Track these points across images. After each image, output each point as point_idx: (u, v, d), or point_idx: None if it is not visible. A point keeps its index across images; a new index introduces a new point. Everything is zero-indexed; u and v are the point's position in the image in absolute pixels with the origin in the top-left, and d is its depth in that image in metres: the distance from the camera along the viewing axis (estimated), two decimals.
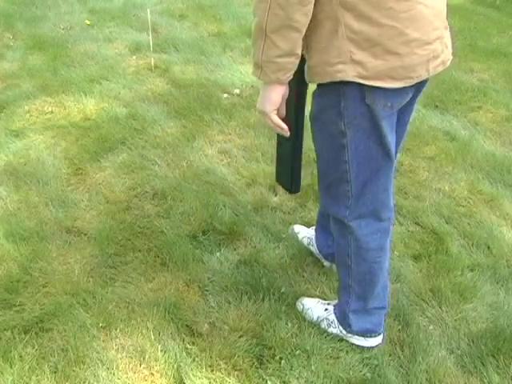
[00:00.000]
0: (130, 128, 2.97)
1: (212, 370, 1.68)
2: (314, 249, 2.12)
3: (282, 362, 1.71)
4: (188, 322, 1.84)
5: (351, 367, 1.72)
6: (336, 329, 1.79)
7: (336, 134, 1.42)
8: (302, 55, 1.35)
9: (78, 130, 2.95)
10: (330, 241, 1.99)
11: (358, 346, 1.77)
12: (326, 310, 1.83)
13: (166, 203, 2.41)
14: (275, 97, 1.40)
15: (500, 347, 1.80)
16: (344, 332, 1.78)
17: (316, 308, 1.85)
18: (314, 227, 2.14)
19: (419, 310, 1.95)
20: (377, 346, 1.78)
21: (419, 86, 1.42)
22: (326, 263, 2.09)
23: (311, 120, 1.50)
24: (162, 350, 1.73)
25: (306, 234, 2.18)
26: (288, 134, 1.49)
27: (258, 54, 1.31)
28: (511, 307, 1.98)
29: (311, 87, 1.48)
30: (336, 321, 1.79)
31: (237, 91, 3.44)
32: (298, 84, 1.49)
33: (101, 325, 1.81)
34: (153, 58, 3.76)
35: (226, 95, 3.40)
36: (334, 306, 1.82)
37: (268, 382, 1.66)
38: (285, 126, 1.46)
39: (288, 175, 2.37)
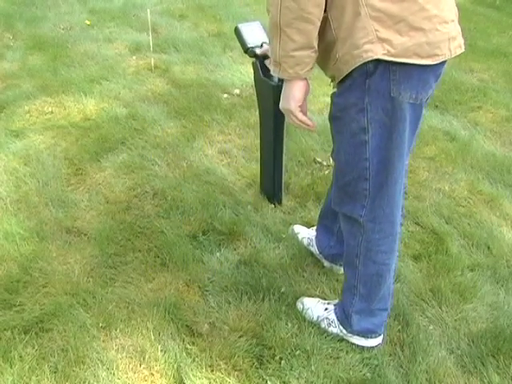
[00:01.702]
0: (130, 128, 2.97)
1: (212, 370, 1.68)
2: (314, 249, 2.12)
3: (282, 362, 1.71)
4: (188, 322, 1.84)
5: (351, 367, 1.72)
6: (336, 328, 1.79)
7: (357, 131, 1.42)
8: None
9: (77, 129, 2.95)
10: (332, 242, 1.99)
11: (357, 345, 1.77)
12: (326, 309, 1.83)
13: (166, 203, 2.41)
14: (298, 93, 1.42)
15: (500, 347, 1.80)
16: (344, 331, 1.77)
17: (316, 308, 1.85)
18: (314, 228, 2.14)
19: (419, 310, 1.95)
20: (377, 346, 1.78)
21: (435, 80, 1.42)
22: (327, 263, 2.08)
23: (330, 121, 1.51)
24: (162, 350, 1.73)
25: (306, 234, 2.18)
26: (314, 129, 1.52)
27: (276, 50, 1.34)
28: (511, 307, 1.98)
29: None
30: (336, 320, 1.79)
31: (237, 91, 3.44)
32: (278, 88, 1.51)
33: (101, 325, 1.81)
34: (153, 58, 3.76)
35: (225, 95, 3.40)
36: (335, 305, 1.82)
37: (268, 382, 1.66)
38: (310, 123, 1.49)
39: (270, 184, 2.40)
